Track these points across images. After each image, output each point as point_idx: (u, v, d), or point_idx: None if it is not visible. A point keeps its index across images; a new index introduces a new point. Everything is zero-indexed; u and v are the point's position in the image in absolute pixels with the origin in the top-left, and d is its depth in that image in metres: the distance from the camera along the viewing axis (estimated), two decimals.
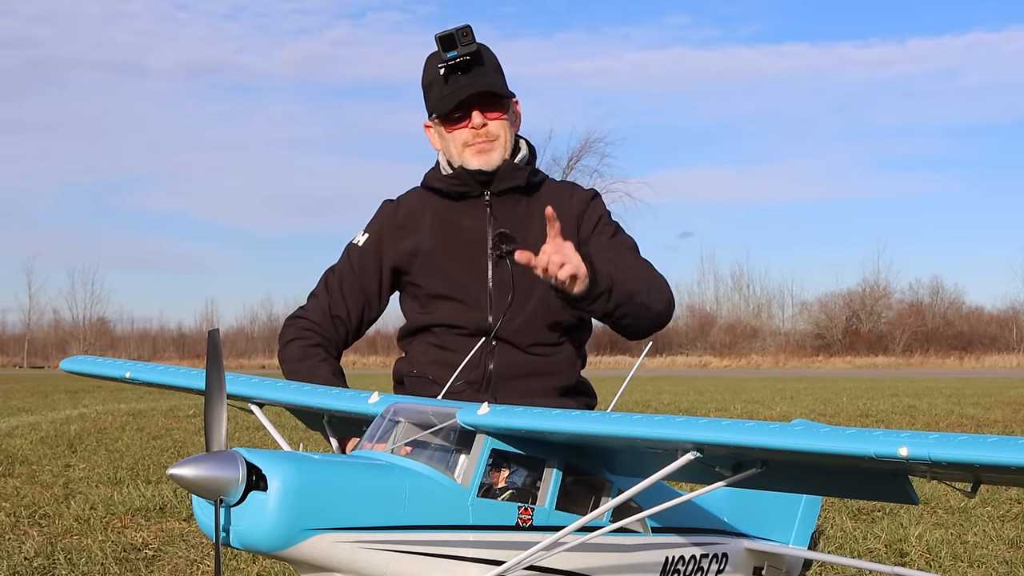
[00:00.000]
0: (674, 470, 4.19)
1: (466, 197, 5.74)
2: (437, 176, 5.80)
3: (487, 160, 5.64)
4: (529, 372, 5.62)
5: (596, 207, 5.85)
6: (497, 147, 5.66)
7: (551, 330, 5.69)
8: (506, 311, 5.60)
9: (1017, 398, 29.82)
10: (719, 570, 5.48)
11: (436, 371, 5.53)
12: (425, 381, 5.57)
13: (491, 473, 4.49)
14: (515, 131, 5.81)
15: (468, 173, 5.67)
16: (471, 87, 5.56)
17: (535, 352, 5.65)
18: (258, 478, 3.93)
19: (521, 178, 5.73)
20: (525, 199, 5.77)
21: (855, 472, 4.12)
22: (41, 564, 6.64)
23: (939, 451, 3.60)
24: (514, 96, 5.79)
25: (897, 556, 7.24)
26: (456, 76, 5.56)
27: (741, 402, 28.37)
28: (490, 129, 5.65)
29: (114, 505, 8.87)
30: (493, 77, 5.65)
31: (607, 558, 4.88)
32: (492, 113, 5.66)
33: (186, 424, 18.25)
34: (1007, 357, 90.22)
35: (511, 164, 5.72)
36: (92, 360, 6.14)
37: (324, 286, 5.87)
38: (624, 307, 5.30)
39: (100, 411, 22.00)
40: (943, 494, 9.47)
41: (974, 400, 28.64)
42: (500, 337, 5.61)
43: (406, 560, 4.23)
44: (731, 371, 77.29)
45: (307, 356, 5.71)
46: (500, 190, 5.71)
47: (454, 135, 5.68)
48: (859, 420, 20.54)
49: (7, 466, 11.94)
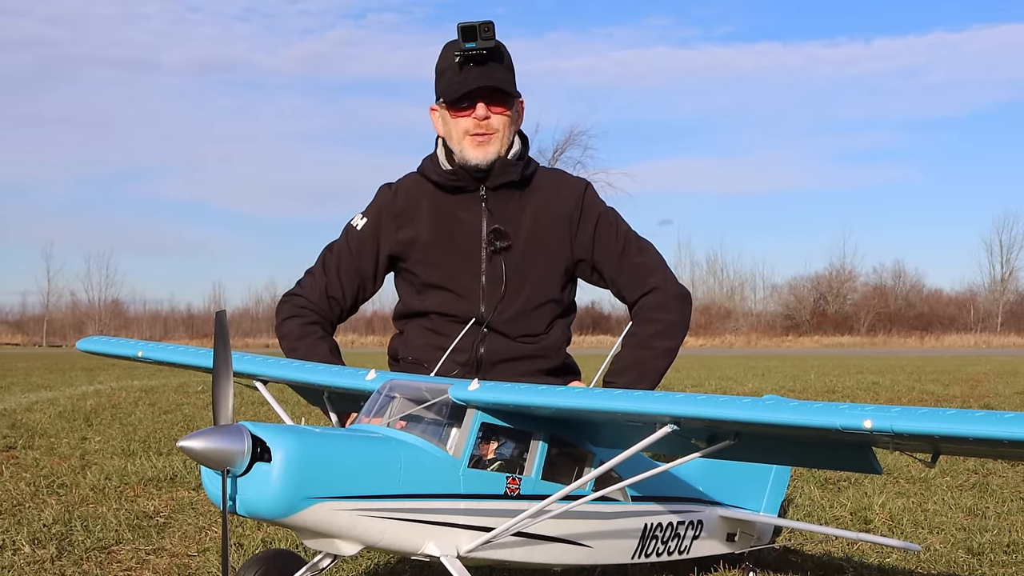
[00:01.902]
0: (652, 442, 4.20)
1: (462, 191, 5.74)
2: (435, 169, 5.78)
3: (484, 153, 5.64)
4: (517, 356, 5.64)
5: (591, 206, 5.84)
6: (495, 141, 5.66)
7: (540, 320, 5.71)
8: (498, 304, 5.61)
9: (974, 375, 29.86)
10: (695, 536, 5.49)
11: (430, 354, 5.53)
12: (419, 367, 5.57)
13: (481, 445, 4.49)
14: (515, 129, 5.81)
15: (465, 169, 5.67)
16: (482, 79, 5.56)
17: (524, 340, 5.66)
18: (263, 450, 3.94)
19: (515, 173, 5.73)
20: (519, 193, 5.77)
21: (822, 444, 4.13)
22: (59, 530, 6.63)
23: (901, 423, 3.61)
24: (520, 96, 5.79)
25: (862, 523, 7.25)
26: (470, 67, 5.56)
27: (715, 379, 28.37)
28: (491, 123, 5.65)
29: (127, 475, 8.85)
30: (504, 74, 5.65)
31: (590, 525, 4.89)
32: (496, 108, 5.66)
33: (195, 399, 18.22)
34: (964, 337, 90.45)
35: (505, 160, 5.71)
36: (107, 340, 6.14)
37: (321, 266, 5.86)
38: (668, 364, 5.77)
39: (115, 387, 21.96)
40: (905, 465, 9.48)
41: (934, 377, 28.68)
42: (491, 327, 5.63)
43: (401, 526, 4.24)
44: (706, 350, 77.35)
45: (305, 334, 5.70)
46: (495, 185, 5.71)
47: (457, 122, 5.67)
48: (826, 395, 20.55)
49: (27, 439, 11.91)
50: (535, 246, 5.70)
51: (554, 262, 5.74)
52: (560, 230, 5.74)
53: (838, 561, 6.18)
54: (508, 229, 5.67)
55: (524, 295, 5.65)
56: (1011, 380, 26.60)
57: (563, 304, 5.82)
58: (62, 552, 6.12)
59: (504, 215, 5.71)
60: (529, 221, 5.69)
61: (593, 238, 5.76)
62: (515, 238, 5.66)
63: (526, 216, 5.70)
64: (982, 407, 17.32)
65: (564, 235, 5.73)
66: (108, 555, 6.11)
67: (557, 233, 5.74)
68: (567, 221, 5.75)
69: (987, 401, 18.75)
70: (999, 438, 3.46)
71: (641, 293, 5.73)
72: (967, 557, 6.25)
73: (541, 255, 5.69)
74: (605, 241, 5.78)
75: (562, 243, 5.76)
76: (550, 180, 5.90)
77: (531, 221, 5.70)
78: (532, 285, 5.65)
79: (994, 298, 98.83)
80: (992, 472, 9.51)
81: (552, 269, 5.74)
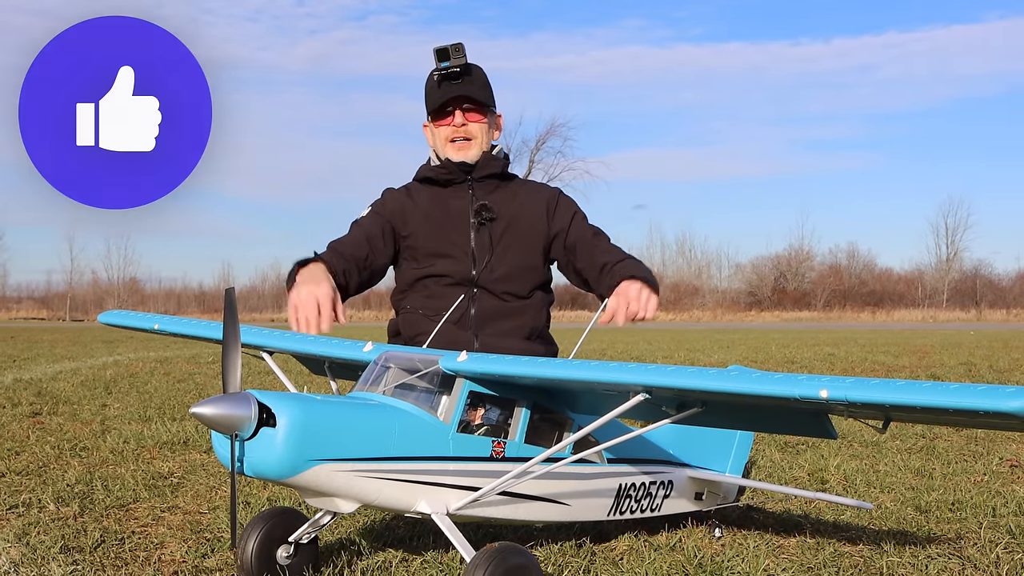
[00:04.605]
0: (626, 409, 4.21)
1: (453, 183, 5.90)
2: (429, 168, 5.97)
3: (464, 155, 5.87)
4: (504, 315, 5.72)
5: (565, 202, 6.01)
6: (474, 145, 5.89)
7: (524, 283, 5.80)
8: (486, 264, 5.67)
9: (921, 347, 29.94)
10: (665, 495, 5.50)
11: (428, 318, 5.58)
12: (418, 316, 5.67)
13: (469, 412, 4.51)
14: (492, 138, 6.02)
15: (454, 164, 5.87)
16: (456, 91, 5.81)
17: (509, 300, 5.72)
18: (268, 416, 3.94)
19: (497, 166, 5.95)
20: (502, 184, 5.97)
21: (782, 411, 4.14)
22: (81, 490, 6.62)
23: (855, 393, 3.62)
24: (496, 110, 6.02)
25: (818, 483, 7.26)
26: (447, 83, 5.82)
27: (684, 351, 28.41)
28: (470, 129, 5.89)
29: (144, 439, 8.84)
30: (477, 88, 5.88)
31: (569, 485, 4.90)
32: (473, 116, 5.89)
33: (206, 369, 18.19)
34: (913, 312, 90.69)
35: (489, 155, 5.93)
36: (125, 314, 6.13)
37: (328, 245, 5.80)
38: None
39: (132, 358, 21.92)
40: (858, 430, 9.50)
41: (884, 349, 28.75)
42: (481, 286, 5.71)
43: (395, 486, 4.25)
44: (675, 324, 77.44)
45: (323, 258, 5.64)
46: (480, 176, 5.90)
47: (440, 130, 5.92)
48: (786, 366, 20.59)
49: (52, 406, 11.88)
50: (517, 221, 5.84)
51: (534, 235, 5.86)
52: (539, 212, 5.91)
53: (797, 518, 6.20)
54: (494, 206, 5.80)
55: (509, 259, 5.77)
56: (955, 352, 26.67)
57: (542, 276, 5.91)
58: (84, 509, 6.11)
59: (490, 199, 5.81)
60: (512, 203, 5.86)
61: (570, 222, 5.88)
62: (500, 214, 5.82)
63: (509, 199, 5.87)
64: (929, 377, 17.38)
65: (543, 216, 5.89)
66: (126, 512, 6.11)
67: (537, 214, 5.89)
68: (545, 208, 5.93)
69: (934, 371, 18.79)
70: (945, 407, 3.47)
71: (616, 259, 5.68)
72: (915, 514, 6.28)
73: (522, 229, 5.83)
74: (578, 226, 5.89)
75: (541, 221, 5.88)
76: (529, 183, 6.13)
77: (514, 203, 5.86)
78: (515, 252, 5.80)
79: (940, 276, 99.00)
80: (938, 436, 9.54)
81: (533, 241, 5.85)
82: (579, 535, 5.51)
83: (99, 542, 5.37)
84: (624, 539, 5.55)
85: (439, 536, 5.04)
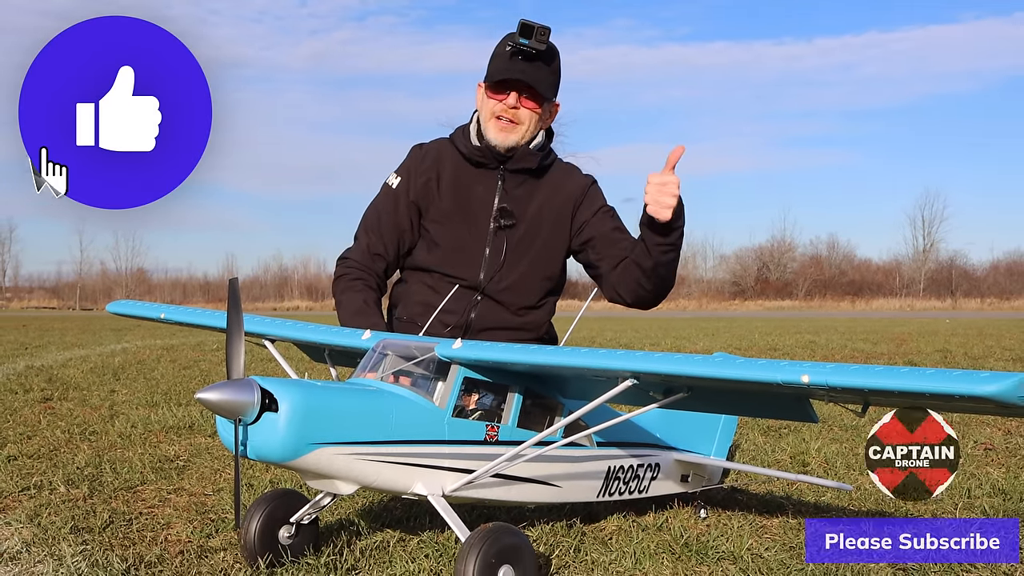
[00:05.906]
0: (615, 394, 4.20)
1: (483, 167, 5.63)
2: (464, 141, 5.65)
3: (504, 138, 5.54)
4: (504, 327, 5.55)
5: (593, 196, 5.71)
6: (517, 131, 5.56)
7: (533, 294, 5.62)
8: (495, 274, 5.54)
9: (899, 335, 29.96)
10: (652, 477, 5.51)
11: (423, 312, 5.46)
12: (413, 326, 5.50)
13: (463, 397, 4.50)
14: (543, 126, 5.70)
15: (490, 149, 5.57)
16: (521, 74, 5.46)
17: (516, 312, 5.59)
18: (271, 401, 3.94)
19: (533, 162, 5.61)
20: (532, 179, 5.64)
21: (766, 396, 4.13)
22: (91, 472, 6.61)
23: (835, 378, 3.62)
24: (556, 101, 5.69)
25: (800, 466, 7.27)
26: (518, 60, 5.45)
27: (671, 338, 28.42)
28: (519, 113, 5.55)
29: (151, 424, 8.83)
30: (545, 76, 5.53)
31: (560, 467, 4.90)
32: (528, 102, 5.55)
33: (211, 356, 18.17)
34: (891, 301, 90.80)
35: (527, 149, 5.60)
36: (133, 304, 6.11)
37: (364, 229, 5.69)
38: (679, 244, 5.25)
39: (140, 346, 21.90)
40: (838, 415, 9.50)
41: (864, 336, 28.78)
42: (487, 294, 5.55)
43: (393, 469, 4.24)
44: (661, 312, 77.43)
45: (346, 289, 5.58)
46: (514, 168, 5.60)
47: (491, 102, 5.56)
48: (768, 353, 20.60)
49: (62, 391, 11.87)
50: (537, 228, 5.58)
51: (554, 242, 5.63)
52: (563, 212, 5.63)
53: (779, 499, 6.20)
54: (515, 210, 5.56)
55: (520, 270, 5.55)
56: (932, 339, 26.70)
57: (557, 282, 5.74)
58: (93, 491, 6.10)
59: (515, 196, 5.58)
60: (536, 207, 5.57)
61: (593, 215, 5.62)
62: (520, 219, 5.55)
63: (534, 202, 5.58)
64: (906, 363, 17.39)
65: (566, 217, 5.63)
66: (134, 494, 6.10)
67: (560, 216, 5.63)
68: (571, 205, 5.64)
69: (911, 358, 18.81)
70: (922, 391, 3.48)
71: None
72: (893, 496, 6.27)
73: (542, 236, 5.58)
74: (600, 221, 5.62)
75: (564, 224, 5.64)
76: (562, 171, 5.77)
77: (537, 207, 5.57)
78: (530, 262, 5.55)
79: (917, 267, 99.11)
80: None
81: (552, 249, 5.63)
82: (570, 516, 5.50)
83: (108, 523, 5.36)
84: (613, 519, 5.55)
85: (435, 517, 5.04)
